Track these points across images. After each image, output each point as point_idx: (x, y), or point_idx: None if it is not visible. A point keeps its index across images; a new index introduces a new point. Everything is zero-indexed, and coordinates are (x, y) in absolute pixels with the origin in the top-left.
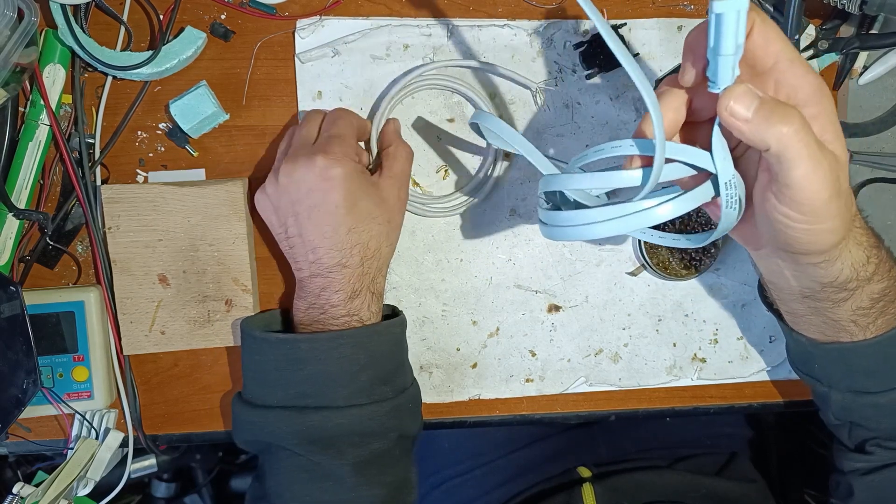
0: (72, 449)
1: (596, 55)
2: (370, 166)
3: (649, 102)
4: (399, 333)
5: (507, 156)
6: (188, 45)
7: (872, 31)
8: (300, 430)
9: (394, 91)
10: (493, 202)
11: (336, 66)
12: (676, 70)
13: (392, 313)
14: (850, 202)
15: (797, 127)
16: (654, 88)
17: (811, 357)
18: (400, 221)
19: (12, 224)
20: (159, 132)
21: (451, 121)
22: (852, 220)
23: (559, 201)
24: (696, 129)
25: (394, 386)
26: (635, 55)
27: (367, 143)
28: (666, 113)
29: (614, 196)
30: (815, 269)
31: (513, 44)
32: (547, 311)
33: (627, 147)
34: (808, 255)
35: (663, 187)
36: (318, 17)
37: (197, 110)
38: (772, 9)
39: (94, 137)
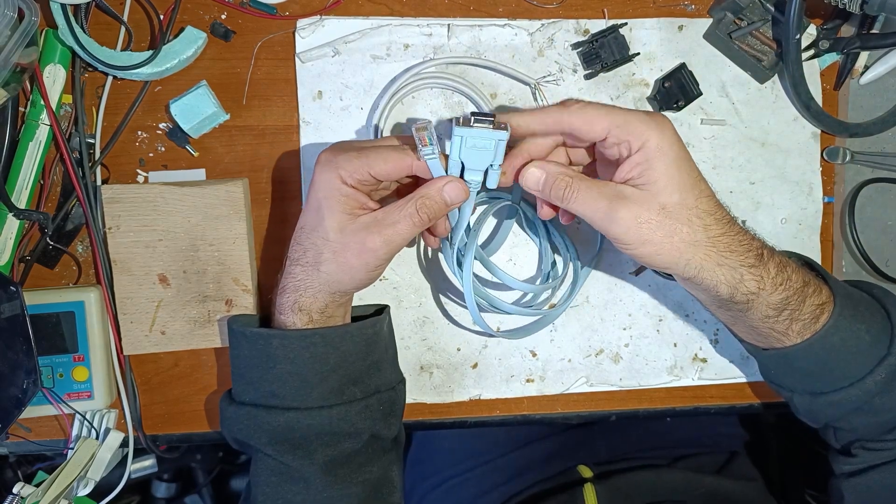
0: (72, 449)
1: (596, 55)
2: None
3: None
4: (371, 335)
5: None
6: (188, 44)
7: (873, 31)
8: (269, 430)
9: (394, 88)
10: (492, 201)
11: (336, 65)
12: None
13: (375, 313)
14: (673, 230)
15: (572, 192)
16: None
17: (764, 363)
18: (358, 266)
19: (12, 224)
20: (159, 132)
21: (451, 121)
22: (692, 244)
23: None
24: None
25: (364, 387)
26: (635, 55)
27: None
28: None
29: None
30: (691, 284)
31: (513, 43)
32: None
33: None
34: (664, 269)
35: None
36: (318, 16)
37: (197, 110)
38: (773, 9)
39: (94, 137)
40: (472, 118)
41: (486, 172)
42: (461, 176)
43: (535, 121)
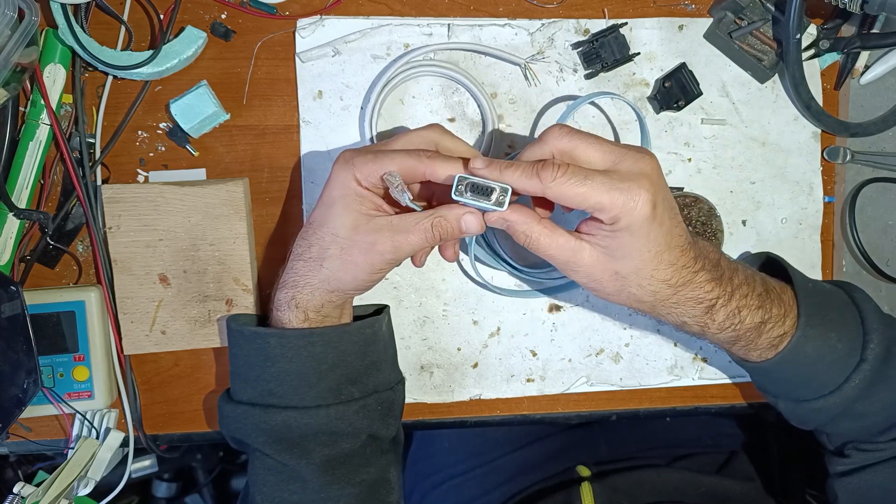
0: (72, 449)
1: (596, 55)
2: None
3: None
4: (370, 334)
5: (506, 154)
6: (189, 44)
7: (874, 31)
8: (266, 428)
9: (385, 78)
10: None
11: (337, 65)
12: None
13: (375, 313)
14: (622, 288)
15: (532, 242)
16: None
17: (747, 371)
18: (362, 266)
19: (13, 224)
20: (160, 132)
21: (451, 120)
22: (638, 301)
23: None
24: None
25: (362, 386)
26: (636, 55)
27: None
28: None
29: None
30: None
31: (513, 43)
32: (548, 311)
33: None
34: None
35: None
36: (318, 16)
37: (197, 110)
38: (773, 9)
39: (94, 137)
40: (468, 189)
41: None
42: None
43: (512, 184)
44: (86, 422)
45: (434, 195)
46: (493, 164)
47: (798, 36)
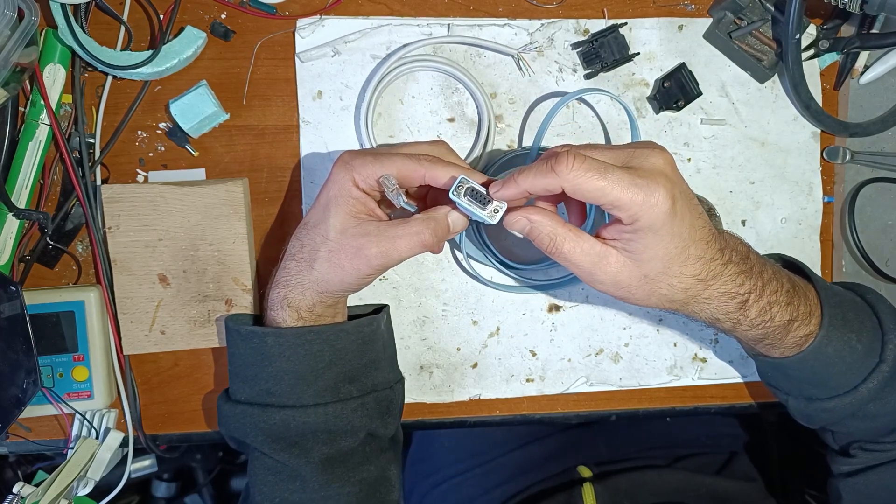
0: (72, 449)
1: (596, 55)
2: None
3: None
4: (368, 333)
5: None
6: (188, 44)
7: (873, 31)
8: (265, 428)
9: (379, 74)
10: None
11: (336, 65)
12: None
13: (375, 311)
14: (652, 291)
15: (555, 247)
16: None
17: (760, 366)
18: (349, 270)
19: (12, 224)
20: (159, 132)
21: (451, 120)
22: (669, 301)
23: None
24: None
25: (360, 385)
26: (635, 55)
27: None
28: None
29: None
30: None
31: (513, 43)
32: (547, 311)
33: None
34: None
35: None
36: (318, 16)
37: (197, 110)
38: (773, 9)
39: (94, 137)
40: (466, 193)
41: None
42: None
43: (528, 187)
44: (85, 422)
45: (427, 198)
46: (507, 182)
47: (798, 36)
